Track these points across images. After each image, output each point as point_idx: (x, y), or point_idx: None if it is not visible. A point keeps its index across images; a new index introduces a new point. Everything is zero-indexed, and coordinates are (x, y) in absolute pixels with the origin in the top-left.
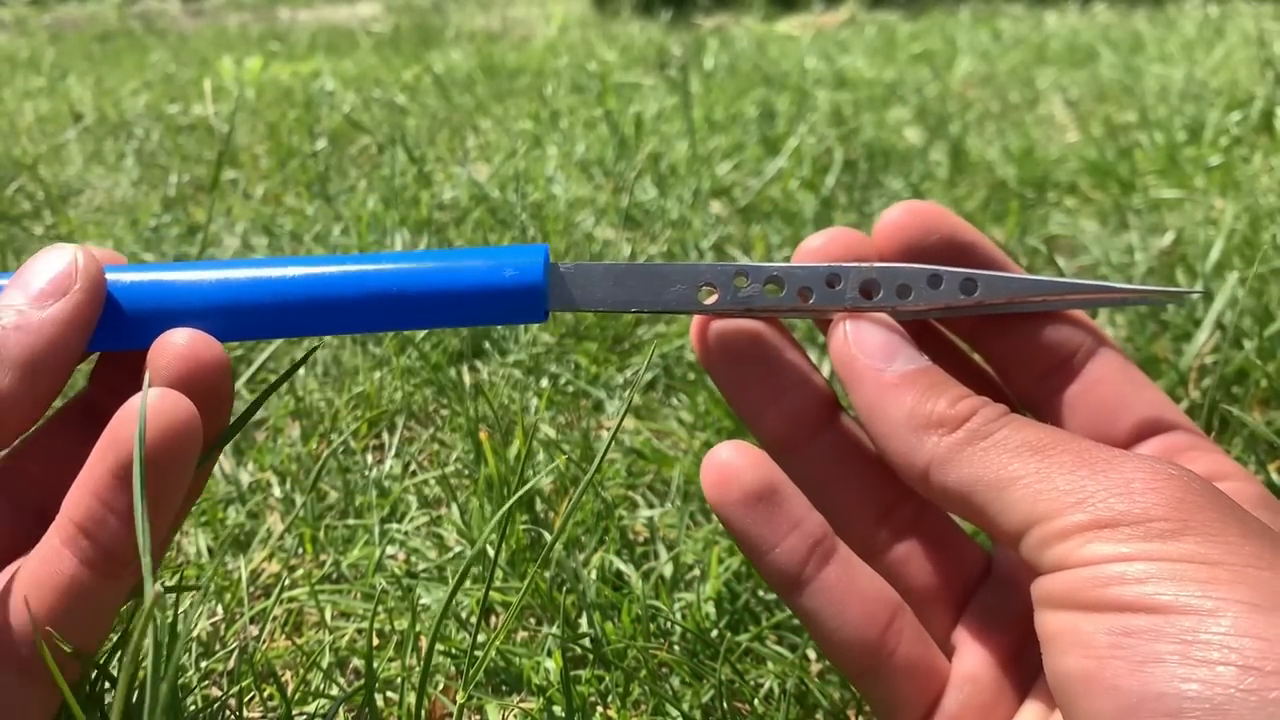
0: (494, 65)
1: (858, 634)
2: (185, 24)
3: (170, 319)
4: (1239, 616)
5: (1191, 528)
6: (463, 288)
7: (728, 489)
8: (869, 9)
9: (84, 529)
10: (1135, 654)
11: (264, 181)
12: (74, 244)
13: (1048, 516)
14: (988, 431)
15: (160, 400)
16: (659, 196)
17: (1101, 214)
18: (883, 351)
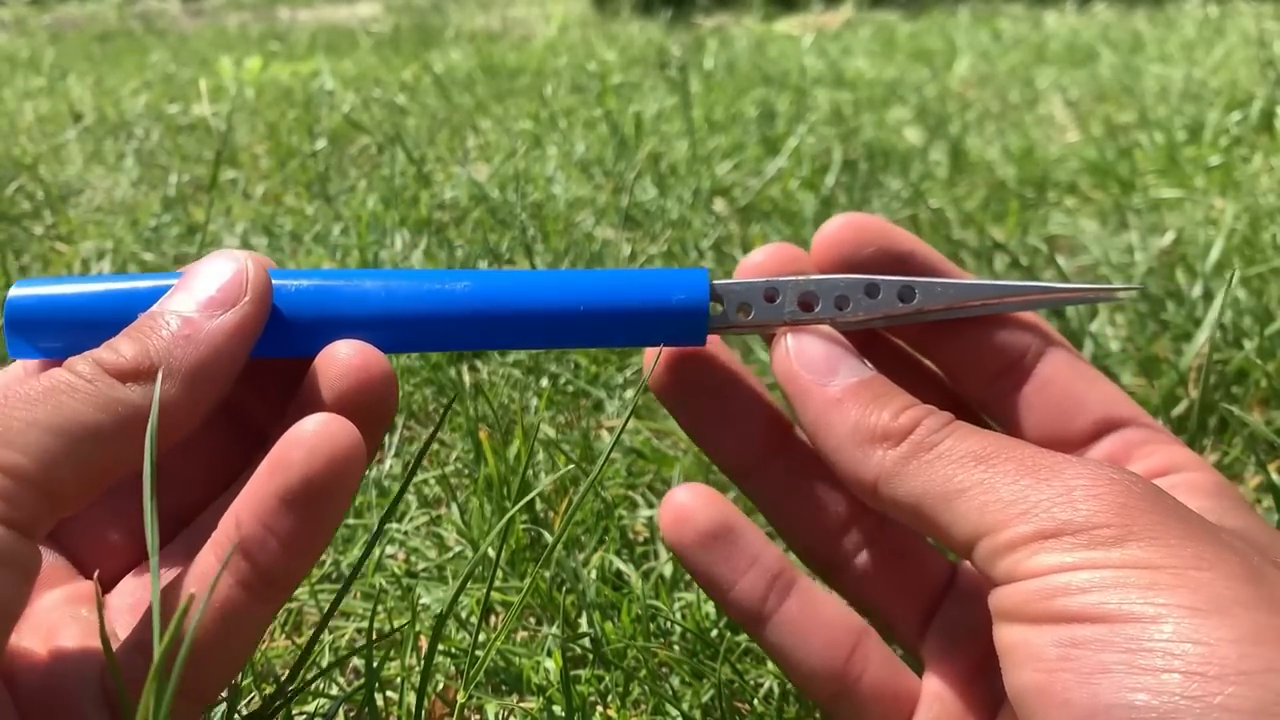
0: (494, 65)
1: (822, 664)
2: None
3: (332, 328)
4: (1180, 622)
5: (1134, 533)
6: (628, 309)
7: (684, 530)
8: (868, 9)
9: (244, 551)
10: (1083, 665)
11: (264, 181)
12: (242, 251)
13: (994, 528)
14: (932, 443)
15: (327, 426)
16: (659, 196)
17: (1101, 214)
18: (825, 365)
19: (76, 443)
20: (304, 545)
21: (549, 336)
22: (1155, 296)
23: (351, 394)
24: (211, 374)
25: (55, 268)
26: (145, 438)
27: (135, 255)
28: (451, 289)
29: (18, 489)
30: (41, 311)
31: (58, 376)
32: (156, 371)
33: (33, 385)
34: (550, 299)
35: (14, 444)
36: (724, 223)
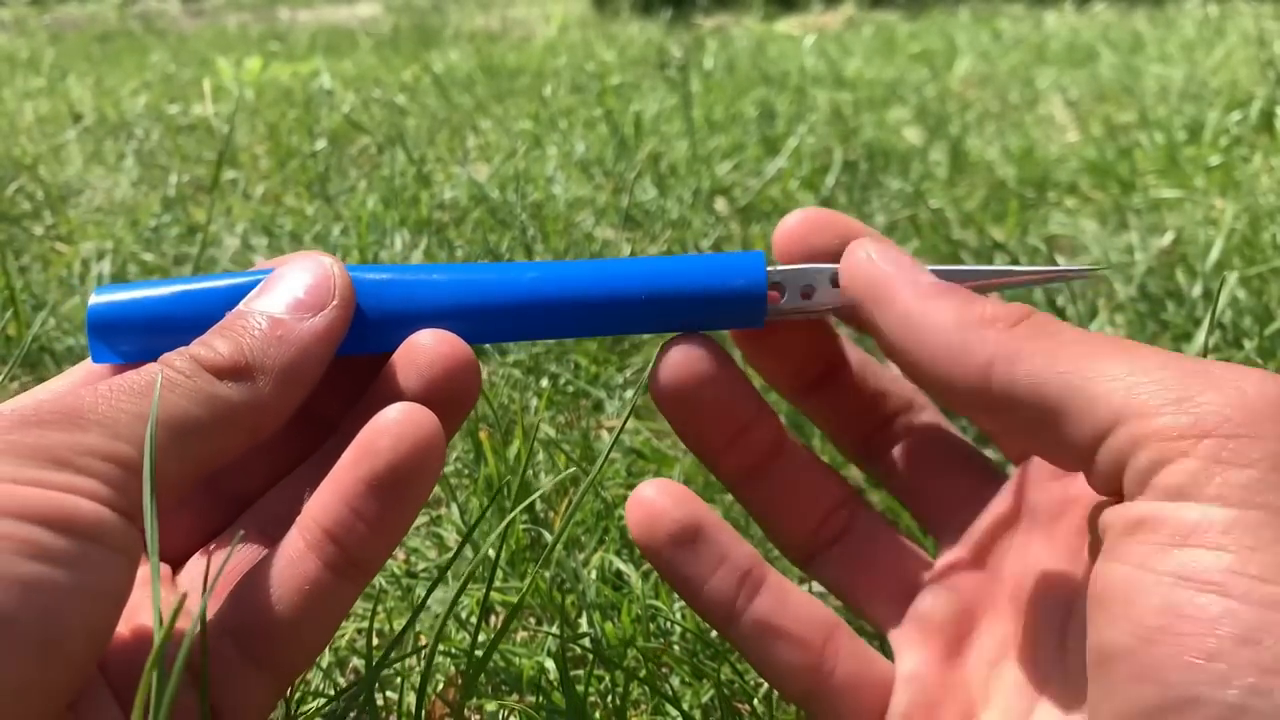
0: (493, 65)
1: (795, 659)
2: (185, 24)
3: (406, 322)
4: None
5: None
6: (689, 294)
7: (654, 529)
8: (868, 9)
9: (332, 535)
10: (1187, 646)
11: (264, 182)
12: (326, 254)
13: (1142, 413)
14: (1055, 329)
15: (411, 414)
16: (659, 196)
17: (1101, 214)
18: (913, 264)
19: (178, 437)
20: (389, 528)
21: (612, 322)
22: (1155, 296)
23: (440, 381)
24: (301, 375)
25: (55, 268)
26: (240, 433)
27: (135, 255)
28: (518, 279)
29: (127, 479)
30: (122, 316)
31: (156, 372)
32: (251, 369)
33: (136, 379)
34: (613, 287)
35: (123, 436)
36: (724, 223)
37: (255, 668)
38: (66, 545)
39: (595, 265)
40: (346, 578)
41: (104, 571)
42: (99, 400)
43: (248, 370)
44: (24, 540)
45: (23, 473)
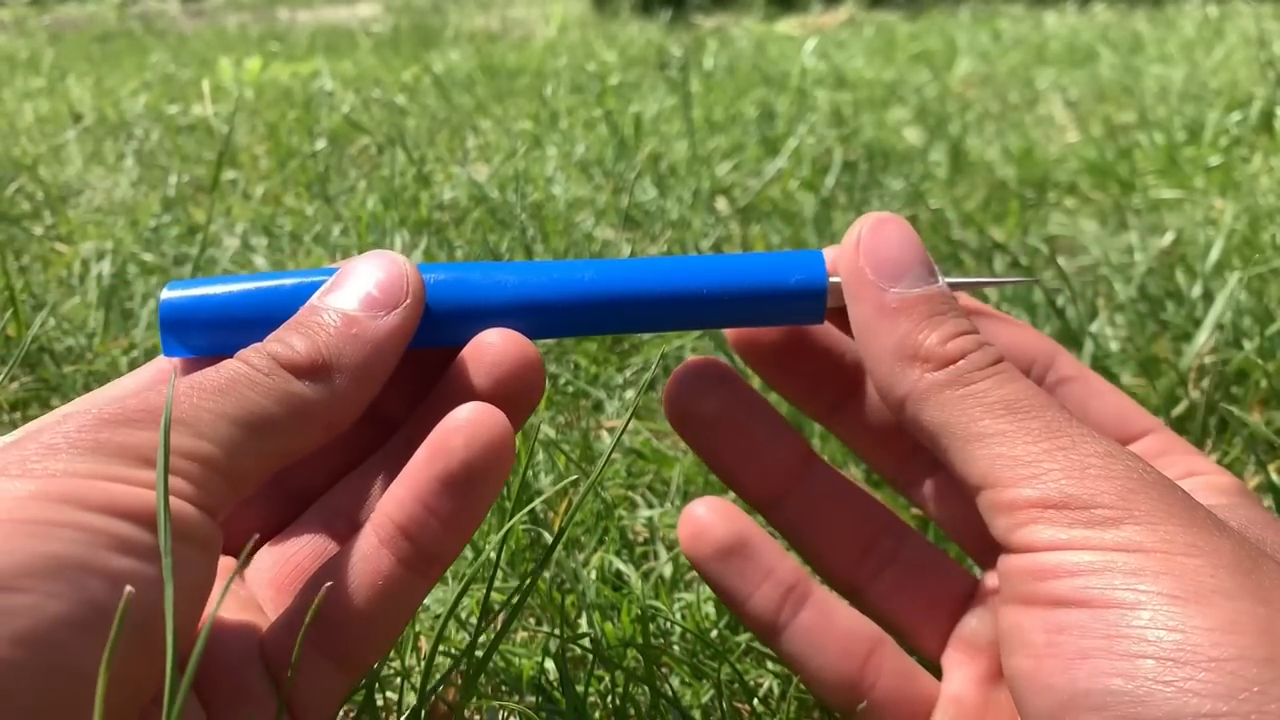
0: (493, 66)
1: (837, 673)
2: (185, 24)
3: (473, 319)
4: (1159, 609)
5: (1133, 516)
6: (755, 290)
7: (701, 544)
8: (868, 9)
9: (406, 531)
10: (1066, 650)
11: (264, 182)
12: (397, 253)
13: (1002, 483)
14: (971, 379)
15: (482, 413)
16: (659, 197)
17: (1101, 214)
18: (891, 269)
19: (257, 434)
20: (462, 525)
21: (674, 318)
22: (1155, 297)
23: (507, 380)
24: (374, 372)
25: (55, 268)
26: (315, 429)
27: (135, 256)
28: (584, 276)
29: (209, 476)
30: (194, 311)
31: (238, 370)
32: (328, 367)
33: (216, 377)
34: (677, 284)
35: (205, 434)
36: (724, 223)
37: (328, 660)
38: (151, 539)
39: (657, 264)
40: (419, 573)
41: (189, 567)
42: (181, 399)
43: (325, 368)
44: (116, 535)
45: (112, 469)
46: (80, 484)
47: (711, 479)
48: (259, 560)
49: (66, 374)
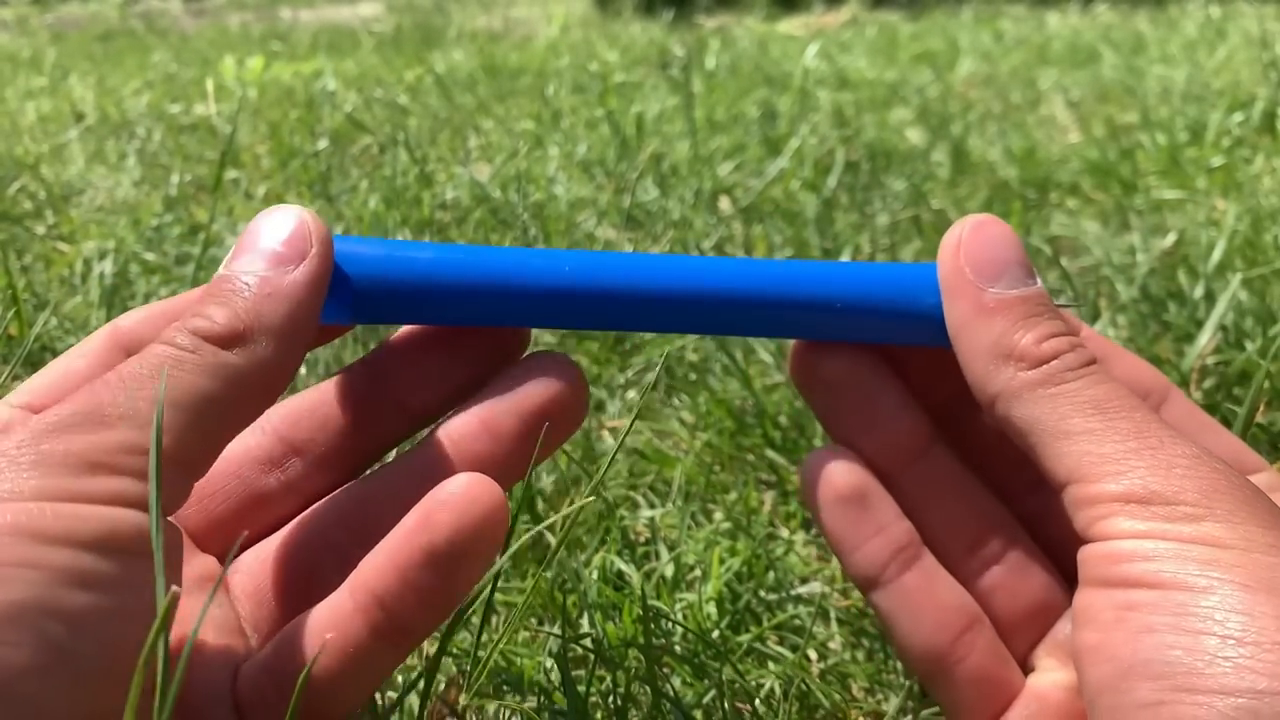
0: (495, 65)
1: (928, 639)
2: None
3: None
4: (1229, 594)
5: (1214, 514)
6: (880, 306)
7: (822, 487)
8: (870, 9)
9: (382, 602)
10: (1133, 625)
11: (266, 181)
12: (294, 205)
13: (1088, 478)
14: (1063, 379)
15: (473, 487)
16: (660, 197)
17: (1103, 215)
18: (990, 269)
19: (197, 413)
20: (440, 603)
21: (781, 326)
22: (1157, 297)
23: (544, 411)
24: (298, 326)
25: (57, 267)
26: (253, 397)
27: (137, 255)
28: (662, 273)
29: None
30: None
31: (163, 352)
32: (251, 332)
33: (142, 365)
34: (800, 291)
35: (146, 424)
36: (726, 223)
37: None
38: (110, 568)
39: (775, 266)
40: (391, 644)
41: (151, 587)
42: (116, 394)
43: (248, 333)
44: (74, 570)
45: (56, 484)
46: (32, 512)
47: (713, 478)
48: (244, 564)
49: None
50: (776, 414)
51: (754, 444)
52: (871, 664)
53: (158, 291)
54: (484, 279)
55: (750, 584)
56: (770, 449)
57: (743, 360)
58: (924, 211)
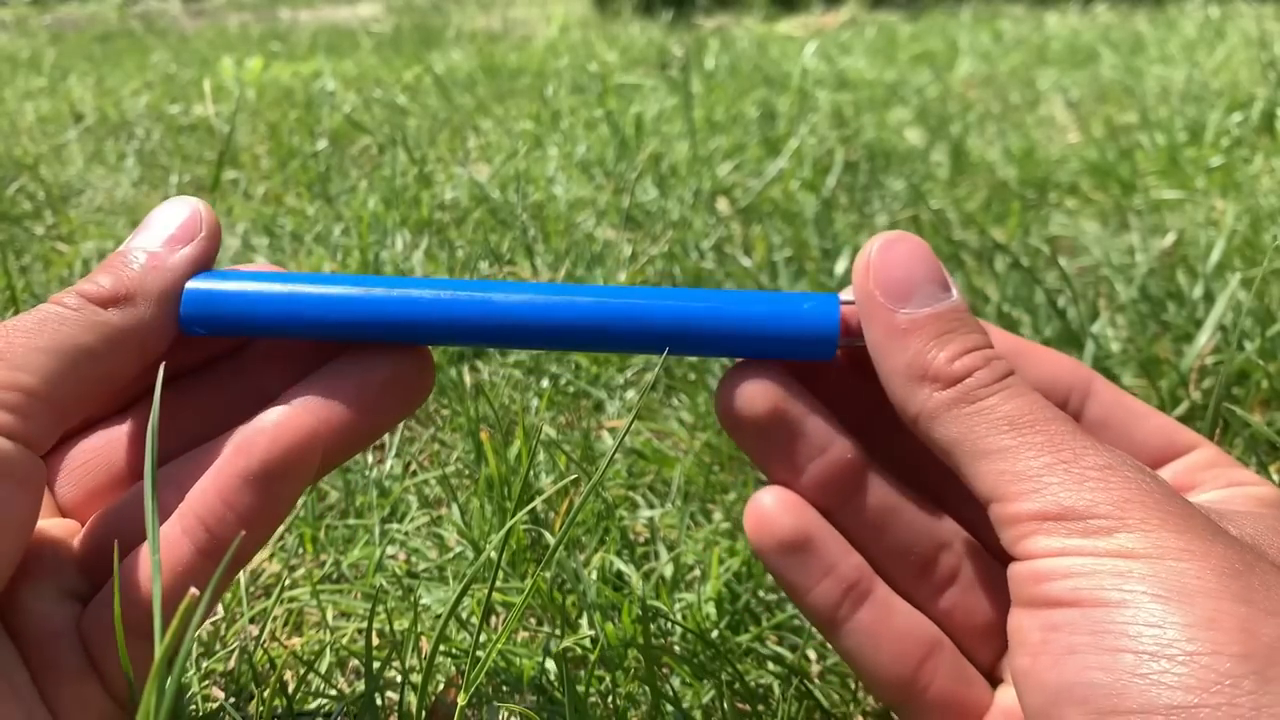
0: (495, 66)
1: (890, 672)
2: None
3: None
4: (1142, 607)
5: (1127, 524)
6: (762, 323)
7: (764, 536)
8: (869, 9)
9: (205, 524)
10: (1057, 647)
11: (265, 182)
12: (193, 197)
13: (1006, 498)
14: (977, 396)
15: (289, 416)
16: (660, 197)
17: (1103, 215)
18: (900, 289)
19: (73, 362)
20: (260, 520)
21: (684, 344)
22: (1156, 298)
23: (383, 387)
24: (176, 296)
25: (56, 268)
26: (128, 353)
27: None
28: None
29: (30, 404)
30: (214, 305)
31: (49, 309)
32: (132, 296)
33: (28, 318)
34: (683, 312)
35: (21, 366)
36: (725, 223)
37: (136, 639)
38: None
39: (662, 293)
40: (216, 562)
41: (7, 505)
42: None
43: (129, 297)
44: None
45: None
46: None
47: (712, 478)
48: (74, 458)
49: None
50: None
51: None
52: None
53: None
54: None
55: (749, 584)
56: None
57: None
58: (923, 211)
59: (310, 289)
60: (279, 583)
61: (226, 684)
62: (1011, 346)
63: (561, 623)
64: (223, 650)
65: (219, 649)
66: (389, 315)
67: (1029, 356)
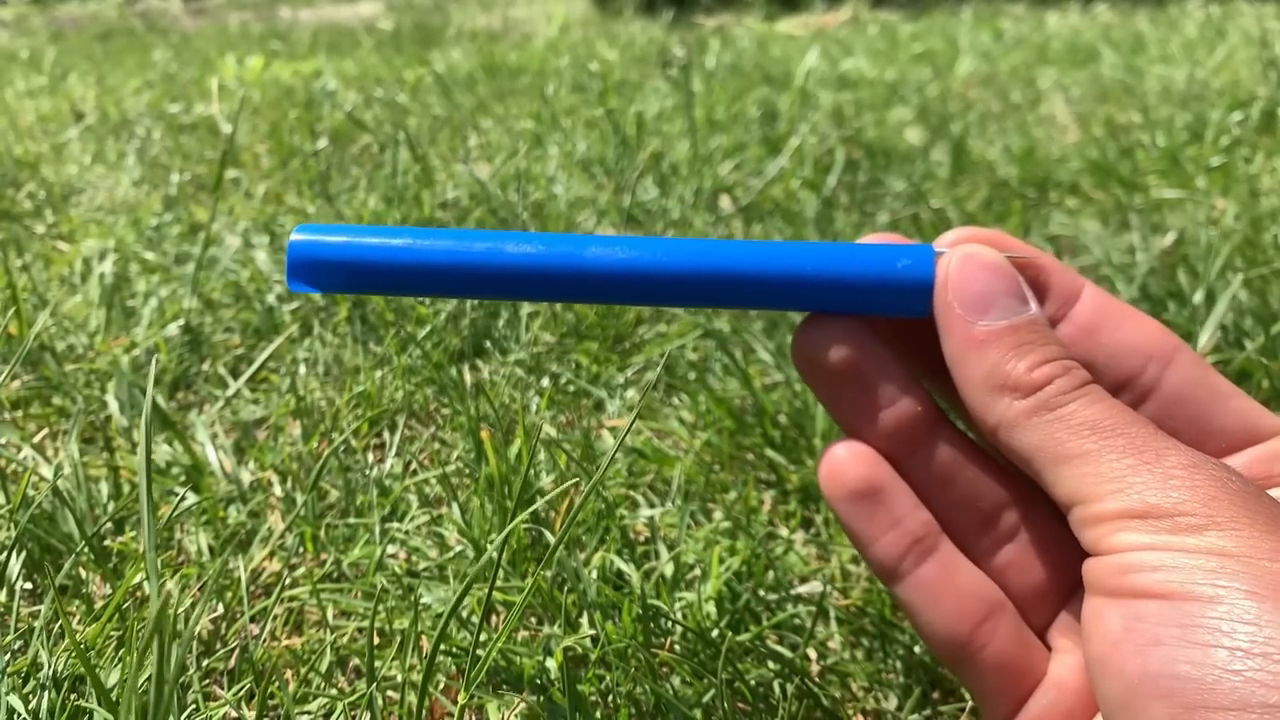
0: (495, 65)
1: (948, 629)
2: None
3: None
4: (1236, 603)
5: (1216, 523)
6: (857, 276)
7: (835, 485)
8: (870, 9)
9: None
10: (1141, 638)
11: (265, 181)
12: None
13: (1090, 499)
14: (1057, 404)
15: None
16: (660, 196)
17: (1103, 214)
18: (978, 302)
19: None
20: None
21: (770, 298)
22: (1157, 297)
23: None
24: None
25: (57, 267)
26: None
27: (137, 254)
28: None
29: None
30: (320, 255)
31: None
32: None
33: None
34: (782, 266)
35: None
36: (725, 222)
37: None
38: None
39: (760, 247)
40: None
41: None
42: None
43: None
44: None
45: None
46: None
47: (712, 477)
48: None
49: (68, 372)
50: (776, 413)
51: (753, 443)
52: (871, 663)
53: (157, 291)
54: (441, 263)
55: (750, 583)
56: (770, 448)
57: (742, 360)
58: (924, 210)
59: (419, 243)
60: (279, 582)
61: (227, 682)
62: (1098, 306)
63: (562, 622)
64: (223, 649)
65: (219, 648)
66: (494, 271)
67: (1113, 319)
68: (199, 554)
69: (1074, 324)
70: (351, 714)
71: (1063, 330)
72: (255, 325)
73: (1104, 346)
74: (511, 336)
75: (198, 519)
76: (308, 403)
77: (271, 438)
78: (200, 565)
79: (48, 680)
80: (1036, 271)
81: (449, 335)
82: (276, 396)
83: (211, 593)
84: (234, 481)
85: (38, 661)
